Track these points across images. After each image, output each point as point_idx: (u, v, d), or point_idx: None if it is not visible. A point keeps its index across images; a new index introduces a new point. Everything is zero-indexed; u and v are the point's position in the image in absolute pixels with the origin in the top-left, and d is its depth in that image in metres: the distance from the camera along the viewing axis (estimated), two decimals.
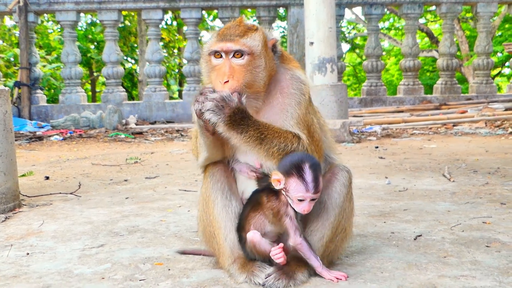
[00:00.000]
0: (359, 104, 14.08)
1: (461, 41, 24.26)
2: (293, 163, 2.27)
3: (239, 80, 2.33)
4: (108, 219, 3.78)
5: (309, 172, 2.25)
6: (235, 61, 2.35)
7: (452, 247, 2.83)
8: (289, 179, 2.27)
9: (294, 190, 2.26)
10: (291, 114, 2.43)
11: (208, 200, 2.56)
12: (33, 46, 14.27)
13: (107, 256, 2.86)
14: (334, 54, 9.89)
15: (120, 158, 7.64)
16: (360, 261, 2.65)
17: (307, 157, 2.31)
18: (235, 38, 2.36)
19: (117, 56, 14.19)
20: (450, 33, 14.40)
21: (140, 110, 13.98)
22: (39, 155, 8.48)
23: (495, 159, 6.40)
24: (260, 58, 2.39)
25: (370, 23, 14.43)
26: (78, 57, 14.28)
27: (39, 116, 13.79)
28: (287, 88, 2.48)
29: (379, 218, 3.59)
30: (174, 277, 2.48)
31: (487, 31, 14.33)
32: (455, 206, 3.88)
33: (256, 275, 2.34)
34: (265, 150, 2.32)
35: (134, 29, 25.95)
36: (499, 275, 2.36)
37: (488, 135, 9.74)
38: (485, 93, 14.01)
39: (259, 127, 2.31)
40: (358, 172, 5.62)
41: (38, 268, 2.68)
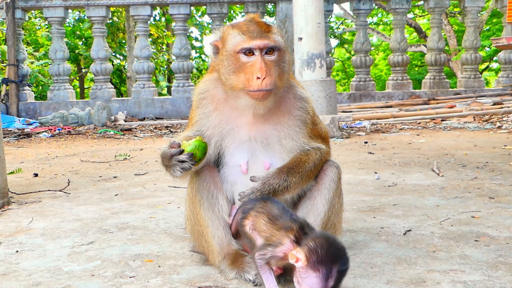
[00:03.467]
0: (348, 99, 14.12)
1: (449, 36, 24.36)
2: (326, 260, 1.94)
3: (272, 76, 2.35)
4: (97, 216, 3.76)
5: (335, 277, 1.93)
6: (268, 58, 2.37)
7: (441, 242, 2.85)
8: (310, 272, 1.95)
9: (307, 283, 1.96)
10: (302, 134, 2.52)
11: (195, 199, 2.55)
12: (20, 43, 14.16)
13: (96, 253, 2.84)
14: (323, 49, 9.88)
15: (109, 155, 7.60)
16: (350, 256, 2.64)
17: (341, 256, 1.99)
18: (265, 34, 2.38)
19: (106, 52, 14.11)
20: (438, 27, 14.45)
21: (129, 106, 13.92)
22: (27, 152, 8.42)
23: (484, 153, 6.44)
24: (286, 53, 2.47)
25: (358, 18, 14.45)
26: (66, 54, 14.18)
27: (27, 113, 13.70)
28: (293, 108, 2.54)
29: (368, 213, 3.60)
30: (164, 274, 2.48)
31: (475, 26, 14.40)
32: (444, 200, 3.90)
33: (247, 271, 2.34)
34: (305, 181, 2.44)
35: (122, 25, 25.75)
36: (488, 269, 2.38)
37: (477, 129, 9.80)
38: (473, 88, 14.08)
39: (294, 170, 2.39)
40: (348, 167, 5.64)
41: (28, 265, 2.66)
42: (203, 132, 2.54)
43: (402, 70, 14.33)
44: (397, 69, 14.32)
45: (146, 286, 2.32)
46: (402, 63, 14.25)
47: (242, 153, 2.52)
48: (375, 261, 2.56)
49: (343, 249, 2.03)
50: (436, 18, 14.38)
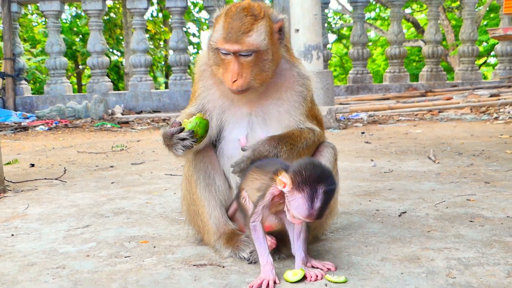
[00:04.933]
0: (346, 92, 14.11)
1: (447, 31, 24.35)
2: (310, 179, 1.98)
3: (247, 77, 2.33)
4: (93, 202, 3.76)
5: (321, 198, 1.96)
6: (243, 59, 2.31)
7: (436, 223, 2.85)
8: (297, 193, 2.00)
9: (295, 208, 2.01)
10: (300, 111, 2.49)
11: (191, 179, 2.55)
12: (16, 37, 14.12)
13: (92, 236, 2.85)
14: (319, 41, 9.87)
15: (106, 146, 7.60)
16: (345, 236, 2.67)
17: (327, 178, 2.01)
18: (241, 37, 2.28)
19: (102, 46, 14.08)
20: (435, 20, 14.44)
21: (126, 100, 13.90)
22: (24, 144, 8.41)
23: (480, 142, 6.45)
24: (267, 52, 2.35)
25: (355, 10, 14.44)
26: (62, 48, 14.15)
27: (24, 107, 13.68)
28: (295, 85, 2.51)
29: (364, 197, 3.61)
30: (159, 254, 2.48)
31: (472, 18, 14.40)
32: (440, 185, 3.91)
33: (242, 249, 2.34)
34: (295, 156, 2.35)
35: (120, 21, 25.74)
36: (482, 247, 2.39)
37: (474, 120, 9.81)
38: (470, 80, 14.09)
39: (286, 141, 2.36)
40: (344, 156, 5.64)
41: (23, 247, 2.66)
42: (204, 105, 2.54)
43: (399, 63, 14.32)
44: (394, 62, 14.31)
45: (141, 265, 2.33)
46: (399, 56, 14.24)
47: (242, 127, 2.51)
48: (370, 240, 2.57)
49: (329, 171, 2.09)
50: (433, 11, 14.37)
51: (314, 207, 1.97)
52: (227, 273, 2.19)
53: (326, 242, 2.55)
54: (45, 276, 2.23)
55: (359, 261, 2.25)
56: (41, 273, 2.27)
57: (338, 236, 2.66)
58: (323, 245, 2.48)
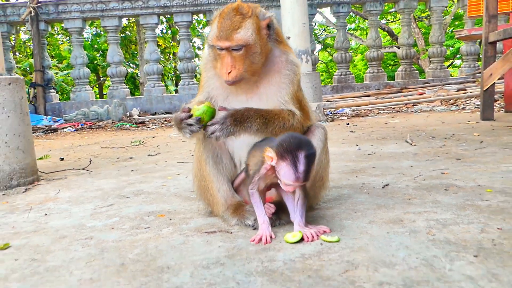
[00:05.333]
0: (331, 91, 14.06)
1: (418, 38, 24.26)
2: (290, 148, 2.00)
3: (239, 69, 2.30)
4: (116, 186, 3.73)
5: (303, 162, 1.98)
6: (235, 53, 2.30)
7: (415, 192, 2.83)
8: (282, 163, 2.02)
9: (283, 175, 2.02)
10: (286, 92, 2.42)
11: (201, 158, 2.53)
12: (45, 52, 14.04)
13: (115, 213, 2.82)
14: (308, 46, 9.82)
15: (125, 142, 7.56)
16: (336, 205, 2.64)
17: (305, 145, 2.02)
18: (230, 34, 2.27)
19: (119, 57, 14.02)
20: (408, 26, 14.38)
21: (142, 103, 13.85)
22: (54, 143, 8.37)
23: (450, 128, 6.42)
24: (255, 46, 2.33)
25: (338, 20, 14.37)
26: (85, 60, 14.08)
27: (53, 112, 13.62)
28: (283, 69, 2.45)
29: (351, 174, 3.58)
30: (175, 225, 2.45)
31: (440, 23, 14.33)
32: (417, 162, 3.88)
33: (247, 217, 2.32)
34: (270, 132, 2.29)
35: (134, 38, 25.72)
36: (457, 210, 2.36)
37: (444, 111, 9.76)
38: (439, 77, 14.02)
39: (259, 113, 2.28)
40: (332, 142, 5.61)
41: (55, 224, 2.63)
42: (210, 93, 2.51)
43: (378, 64, 14.27)
44: (373, 63, 14.26)
45: (159, 234, 2.30)
46: (377, 58, 14.19)
47: None
48: (358, 207, 2.54)
49: (306, 139, 2.10)
50: (406, 18, 14.31)
51: (299, 171, 1.98)
52: (235, 237, 2.16)
53: (320, 211, 2.52)
54: (75, 245, 2.20)
55: (349, 224, 2.23)
56: (71, 243, 2.24)
57: (330, 205, 2.64)
58: (317, 213, 2.46)
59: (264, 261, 1.83)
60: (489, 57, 6.70)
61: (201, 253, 1.97)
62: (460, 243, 1.88)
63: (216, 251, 1.98)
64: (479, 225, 2.09)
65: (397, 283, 1.54)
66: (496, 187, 2.79)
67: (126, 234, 2.33)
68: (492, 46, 6.70)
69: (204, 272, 1.75)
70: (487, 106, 6.85)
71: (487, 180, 3.00)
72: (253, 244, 2.04)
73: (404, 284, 1.53)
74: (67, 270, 1.88)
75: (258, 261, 1.83)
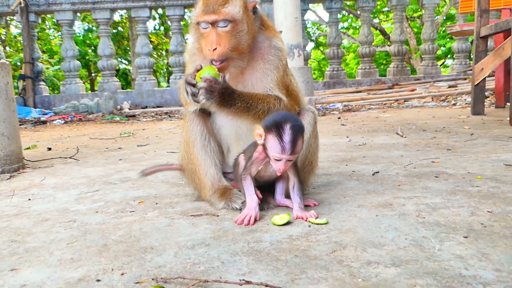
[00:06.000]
0: (323, 86, 14.03)
1: (410, 37, 24.28)
2: (276, 121, 2.02)
3: (225, 46, 2.23)
4: (103, 174, 3.67)
5: (289, 133, 1.98)
6: (220, 29, 2.23)
7: (405, 179, 2.79)
8: (269, 136, 2.03)
9: (271, 149, 2.03)
10: (271, 78, 2.36)
11: (189, 141, 2.48)
12: (35, 43, 13.88)
13: (100, 197, 2.76)
14: (300, 41, 9.77)
15: (115, 134, 7.48)
16: (326, 190, 2.60)
17: (291, 118, 2.04)
18: (217, 8, 2.22)
19: (111, 50, 13.89)
20: (400, 23, 14.38)
21: (133, 97, 13.74)
22: (42, 134, 8.26)
23: (441, 122, 6.40)
24: (242, 24, 2.27)
25: (331, 16, 14.33)
26: (75, 52, 13.93)
27: (43, 105, 13.47)
28: (267, 55, 2.39)
29: (341, 162, 3.54)
30: (161, 208, 2.40)
31: (432, 21, 14.34)
32: (408, 152, 3.85)
33: (234, 201, 2.28)
34: (252, 115, 2.25)
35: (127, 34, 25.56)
36: (447, 195, 2.33)
37: (435, 107, 9.76)
38: (431, 74, 14.04)
39: (245, 98, 2.24)
40: (323, 134, 5.57)
41: (38, 208, 2.57)
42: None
43: (369, 60, 14.25)
44: (365, 60, 14.24)
45: (144, 217, 2.25)
46: (369, 54, 14.17)
47: None
48: (348, 193, 2.50)
49: (294, 115, 2.11)
50: (398, 15, 14.30)
51: (284, 141, 1.99)
52: (221, 220, 2.11)
53: (309, 195, 2.48)
54: (57, 228, 2.14)
55: (338, 208, 2.19)
56: (53, 226, 2.18)
57: (319, 191, 2.60)
58: (306, 197, 2.40)
59: (250, 242, 1.79)
60: (481, 51, 6.70)
61: (186, 234, 1.92)
62: (450, 225, 1.84)
63: (202, 232, 1.94)
64: (469, 208, 2.06)
65: (385, 262, 1.50)
66: (486, 175, 2.76)
67: (110, 217, 2.27)
68: (483, 40, 6.70)
69: (189, 252, 1.71)
70: (478, 100, 6.85)
71: (477, 168, 2.97)
72: (241, 226, 1.99)
73: (393, 263, 1.49)
74: (47, 251, 1.82)
75: (244, 242, 1.79)
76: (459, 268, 1.42)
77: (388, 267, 1.47)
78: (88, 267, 1.62)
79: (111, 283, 1.47)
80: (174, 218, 2.19)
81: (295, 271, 1.48)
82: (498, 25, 6.03)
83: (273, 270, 1.49)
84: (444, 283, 1.33)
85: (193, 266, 1.57)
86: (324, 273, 1.45)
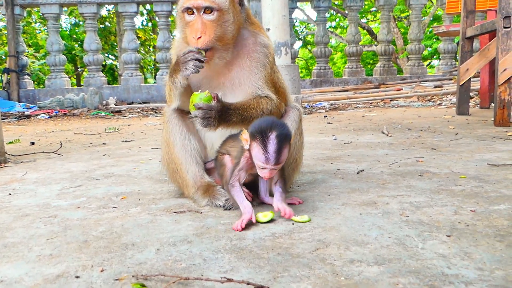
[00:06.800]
0: (310, 85, 14.05)
1: (397, 37, 24.43)
2: (261, 128, 1.94)
3: (210, 35, 2.20)
4: (86, 169, 3.62)
5: (274, 142, 1.91)
6: (206, 17, 2.20)
7: (390, 177, 2.79)
8: (253, 144, 1.97)
9: (255, 157, 1.98)
10: (259, 76, 2.33)
11: (169, 141, 2.45)
12: (19, 37, 13.70)
13: (83, 193, 2.72)
14: (287, 39, 9.76)
15: (100, 129, 7.41)
16: (310, 188, 2.59)
17: (277, 125, 1.96)
18: None
19: (97, 45, 13.77)
20: (387, 22, 14.45)
21: (119, 92, 13.63)
22: (26, 129, 8.15)
23: (426, 121, 6.44)
24: (228, 13, 2.25)
25: (319, 14, 14.35)
26: (61, 46, 13.78)
27: (27, 99, 13.31)
28: (253, 52, 2.36)
29: (326, 160, 3.54)
30: (144, 205, 2.37)
31: (419, 21, 14.43)
32: (392, 151, 3.86)
33: (217, 198, 2.25)
34: (247, 123, 2.20)
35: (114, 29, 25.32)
36: (431, 194, 2.33)
37: (421, 106, 9.82)
38: (417, 74, 14.13)
39: (239, 110, 2.21)
40: (309, 133, 5.57)
41: (19, 203, 2.52)
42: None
43: (356, 60, 14.30)
44: (352, 59, 14.29)
45: (126, 213, 2.21)
46: (356, 53, 14.22)
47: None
48: (332, 191, 2.50)
49: (281, 122, 2.04)
50: (385, 15, 14.37)
51: (269, 151, 1.92)
52: (204, 217, 2.09)
53: (293, 193, 2.46)
54: (37, 223, 2.10)
55: (322, 206, 2.18)
56: (34, 221, 2.14)
57: (303, 189, 2.58)
58: (290, 195, 2.39)
59: (233, 239, 1.77)
60: (466, 52, 6.74)
61: (168, 231, 1.90)
62: (433, 224, 1.84)
63: (184, 229, 1.91)
64: (453, 207, 2.06)
65: (368, 261, 1.49)
66: (470, 174, 2.77)
67: (92, 213, 2.23)
68: (469, 41, 6.74)
69: (170, 249, 1.68)
70: (463, 100, 6.90)
71: (461, 168, 2.99)
72: (224, 223, 1.97)
73: (376, 262, 1.48)
74: (26, 246, 1.78)
75: (227, 239, 1.77)
76: (441, 267, 1.42)
77: (371, 265, 1.46)
78: (67, 263, 1.59)
79: (90, 280, 1.44)
80: (157, 214, 2.16)
81: (277, 269, 1.46)
82: (484, 26, 6.08)
83: (255, 268, 1.48)
84: (427, 282, 1.32)
85: (174, 263, 1.55)
86: (307, 271, 1.44)
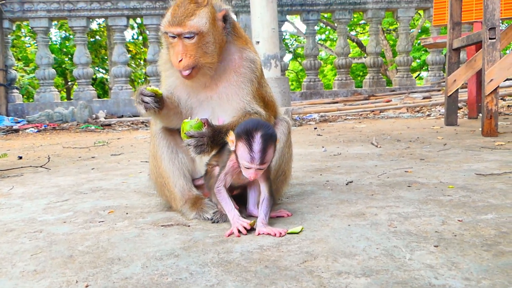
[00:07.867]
0: (300, 97, 14.10)
1: (386, 49, 24.65)
2: (246, 129, 1.97)
3: (191, 57, 2.21)
4: (74, 183, 3.59)
5: (259, 142, 1.94)
6: (187, 41, 2.21)
7: (378, 188, 2.79)
8: (239, 144, 1.99)
9: (241, 157, 1.99)
10: (246, 91, 2.34)
11: (156, 155, 2.45)
12: (8, 50, 13.63)
13: (70, 207, 2.69)
14: (277, 51, 9.81)
15: (89, 143, 7.37)
16: (299, 200, 2.58)
17: (262, 126, 1.99)
18: (183, 20, 2.18)
19: (87, 58, 13.74)
20: (376, 35, 14.58)
21: (109, 106, 13.58)
22: (14, 143, 8.09)
23: (415, 132, 6.47)
24: (209, 35, 2.24)
25: (308, 27, 14.46)
26: (51, 60, 13.73)
27: (16, 113, 13.21)
28: (239, 67, 2.36)
29: (315, 172, 3.54)
30: (131, 219, 2.35)
31: (407, 33, 14.59)
32: (382, 162, 3.87)
33: (205, 211, 2.24)
34: None
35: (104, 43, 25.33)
36: (419, 204, 2.33)
37: (410, 117, 9.88)
38: (406, 85, 14.25)
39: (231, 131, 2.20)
40: (299, 144, 5.58)
41: (3, 218, 2.49)
42: (172, 92, 2.41)
43: (346, 72, 14.40)
44: (342, 71, 14.38)
45: (113, 227, 2.19)
46: (346, 65, 14.32)
47: (204, 111, 2.39)
48: (321, 202, 2.49)
49: (267, 123, 2.06)
50: (373, 27, 14.51)
51: (254, 151, 1.95)
52: (192, 230, 2.07)
53: (282, 205, 2.46)
54: (22, 238, 2.07)
55: (311, 218, 2.17)
56: (18, 236, 2.11)
57: (292, 201, 2.58)
58: (279, 207, 2.38)
59: (220, 252, 1.75)
60: (453, 63, 6.81)
61: (155, 245, 1.88)
62: (421, 234, 1.84)
63: (172, 243, 1.89)
64: (440, 217, 2.06)
65: (356, 272, 1.48)
66: (458, 184, 2.78)
67: (78, 228, 2.21)
68: (456, 52, 6.81)
69: (157, 264, 1.66)
70: (451, 111, 6.95)
71: (449, 178, 3.00)
72: (212, 236, 1.96)
73: (363, 273, 1.47)
74: (9, 262, 1.75)
75: (215, 253, 1.75)
76: (429, 278, 1.41)
77: (358, 277, 1.45)
78: (51, 279, 1.56)
79: None
80: (144, 228, 2.14)
81: (264, 282, 1.45)
82: (470, 37, 6.15)
83: (242, 281, 1.46)
84: None
85: (160, 278, 1.53)
86: (294, 284, 1.42)
